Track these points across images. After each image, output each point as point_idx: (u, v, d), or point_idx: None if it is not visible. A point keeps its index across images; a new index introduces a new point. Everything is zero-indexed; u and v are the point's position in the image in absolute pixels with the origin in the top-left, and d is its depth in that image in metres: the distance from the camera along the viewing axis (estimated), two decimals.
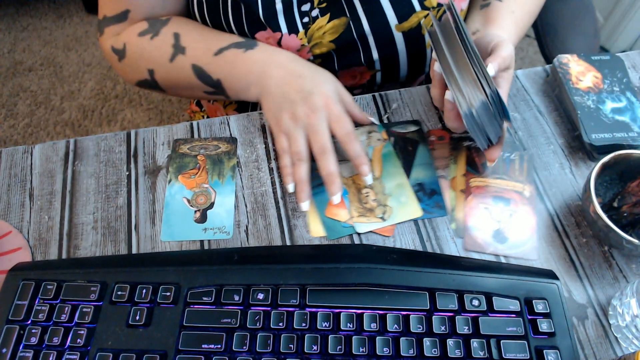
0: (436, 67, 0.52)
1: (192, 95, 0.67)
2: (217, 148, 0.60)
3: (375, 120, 0.61)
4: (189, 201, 0.56)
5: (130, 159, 0.60)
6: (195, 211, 0.56)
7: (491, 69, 0.49)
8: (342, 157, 0.59)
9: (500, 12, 0.61)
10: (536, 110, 0.63)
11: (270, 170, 0.59)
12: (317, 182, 0.57)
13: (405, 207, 0.55)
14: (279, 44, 0.61)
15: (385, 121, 0.62)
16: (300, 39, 0.61)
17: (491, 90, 0.49)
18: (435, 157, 0.59)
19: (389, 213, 0.55)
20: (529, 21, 0.65)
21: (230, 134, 0.62)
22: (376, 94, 0.65)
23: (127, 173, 0.59)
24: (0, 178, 0.58)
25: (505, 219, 0.55)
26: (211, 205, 0.56)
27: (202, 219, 0.55)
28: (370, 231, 0.54)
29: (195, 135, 0.62)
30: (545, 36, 0.86)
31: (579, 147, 0.60)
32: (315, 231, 0.54)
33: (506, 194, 0.57)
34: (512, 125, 0.62)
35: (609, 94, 0.61)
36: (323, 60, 0.66)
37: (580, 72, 0.62)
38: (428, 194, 0.56)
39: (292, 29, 0.61)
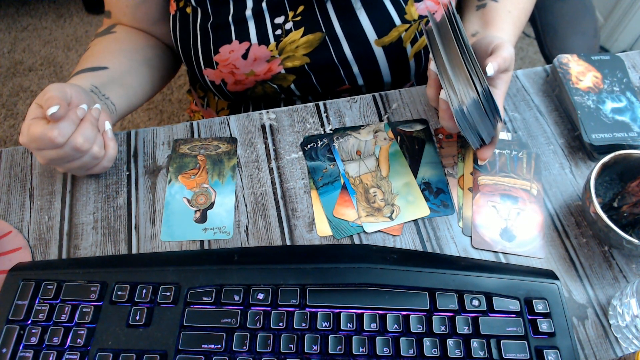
0: (432, 65, 0.52)
1: None
2: (217, 148, 0.60)
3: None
4: (189, 201, 0.56)
5: (131, 159, 0.60)
6: (195, 211, 0.56)
7: (491, 68, 0.49)
8: (348, 157, 0.59)
9: (498, 13, 0.61)
10: (536, 110, 0.63)
11: (270, 170, 0.59)
12: (323, 181, 0.57)
13: (413, 206, 0.55)
14: (244, 57, 0.62)
15: (385, 121, 0.62)
16: (271, 50, 0.62)
17: (483, 88, 0.48)
18: (442, 156, 0.59)
19: (397, 212, 0.55)
20: (525, 19, 0.65)
21: (230, 134, 0.62)
22: (376, 94, 0.65)
23: (127, 173, 0.59)
24: (0, 178, 0.58)
25: (513, 217, 0.55)
26: (211, 205, 0.56)
27: (202, 219, 0.55)
28: (379, 230, 0.54)
29: (195, 135, 0.62)
30: (545, 36, 0.86)
31: (579, 147, 0.60)
32: (321, 231, 0.54)
33: (514, 192, 0.57)
34: (504, 124, 0.61)
35: (609, 94, 0.61)
36: (298, 76, 0.66)
37: (580, 72, 0.62)
38: (434, 192, 0.56)
39: (263, 40, 0.61)
